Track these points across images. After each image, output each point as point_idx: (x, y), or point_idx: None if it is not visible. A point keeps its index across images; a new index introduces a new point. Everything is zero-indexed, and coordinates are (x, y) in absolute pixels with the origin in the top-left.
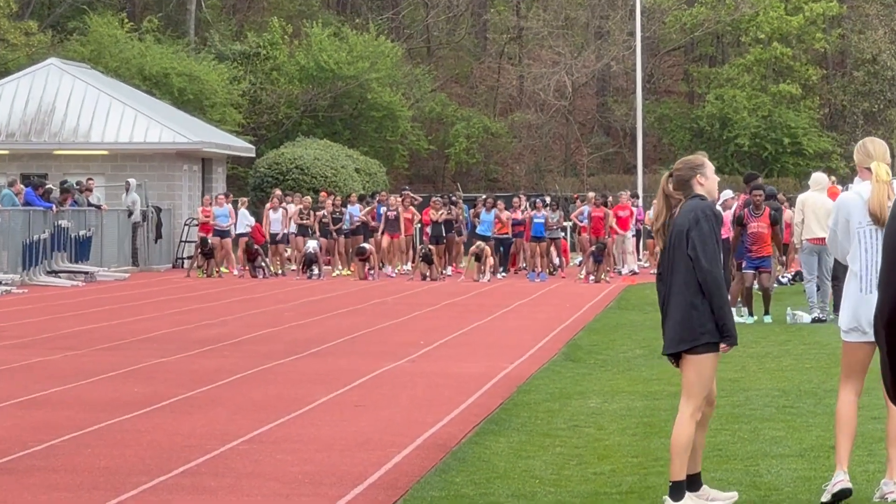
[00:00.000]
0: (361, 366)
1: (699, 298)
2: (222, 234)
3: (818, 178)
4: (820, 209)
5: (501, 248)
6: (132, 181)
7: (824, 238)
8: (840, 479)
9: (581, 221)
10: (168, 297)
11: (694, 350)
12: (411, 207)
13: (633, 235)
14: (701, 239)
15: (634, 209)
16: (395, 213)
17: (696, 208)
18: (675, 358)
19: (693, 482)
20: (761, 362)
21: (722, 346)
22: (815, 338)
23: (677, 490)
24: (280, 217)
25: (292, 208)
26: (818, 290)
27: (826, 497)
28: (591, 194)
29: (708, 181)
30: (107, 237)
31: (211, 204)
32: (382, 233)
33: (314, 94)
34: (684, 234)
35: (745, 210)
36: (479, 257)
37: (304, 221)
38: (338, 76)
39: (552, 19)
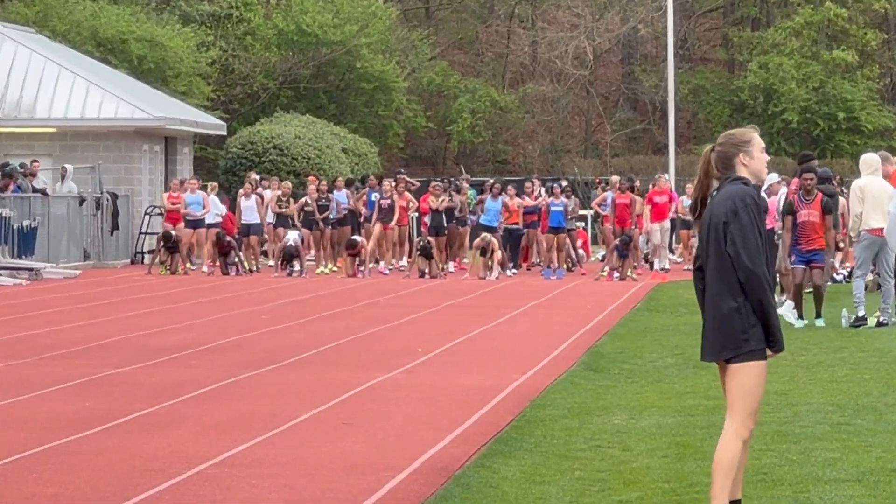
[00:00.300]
0: (350, 377)
1: (741, 299)
2: (195, 224)
3: (869, 159)
4: (878, 195)
5: (510, 241)
6: (69, 167)
7: (883, 229)
8: None
9: (604, 210)
10: (126, 298)
11: (737, 359)
12: (406, 193)
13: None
14: (741, 232)
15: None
16: (388, 200)
17: (734, 195)
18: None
19: None
20: (812, 372)
21: (768, 352)
22: (875, 344)
23: None
24: (253, 205)
25: (269, 195)
26: (878, 288)
27: None
28: (615, 178)
29: (753, 161)
30: (55, 228)
31: (179, 190)
32: (374, 222)
33: (295, 63)
34: (721, 226)
35: (795, 196)
36: (484, 251)
37: (284, 210)
38: (322, 42)
39: None
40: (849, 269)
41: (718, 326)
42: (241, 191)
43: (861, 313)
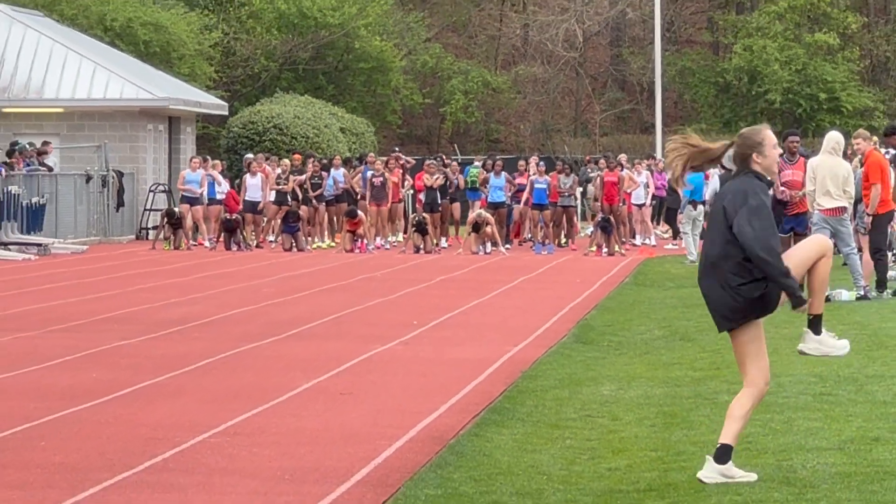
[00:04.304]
0: (348, 349)
1: (740, 276)
2: (193, 201)
3: (828, 137)
4: (830, 175)
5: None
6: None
7: (837, 209)
8: None
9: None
10: (131, 272)
11: (737, 326)
12: (397, 170)
13: (650, 204)
14: (747, 216)
15: (649, 173)
16: (381, 178)
17: (745, 189)
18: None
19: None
20: (795, 345)
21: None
22: (856, 317)
23: (724, 453)
24: (258, 182)
25: (278, 171)
26: (844, 265)
27: None
28: (602, 160)
29: (766, 159)
30: (62, 205)
31: (199, 169)
32: (369, 201)
33: (295, 45)
34: (725, 211)
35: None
36: (477, 227)
37: (282, 187)
38: (321, 24)
39: None
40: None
41: (719, 298)
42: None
43: (862, 291)
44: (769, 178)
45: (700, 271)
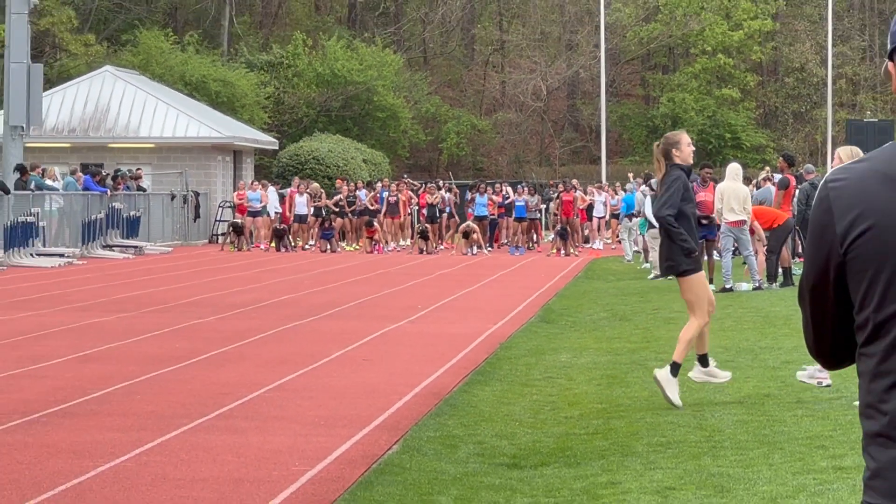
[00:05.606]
0: (369, 326)
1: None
2: (254, 214)
3: (731, 169)
4: (734, 196)
5: (490, 227)
6: (56, 170)
7: (738, 221)
8: None
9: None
10: (205, 268)
11: (680, 276)
12: (407, 190)
13: (600, 217)
14: (664, 194)
15: (601, 195)
16: (395, 197)
17: (667, 176)
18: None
19: (703, 360)
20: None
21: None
22: (753, 304)
23: (675, 368)
24: (305, 200)
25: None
26: (744, 264)
27: None
28: (561, 186)
29: (681, 153)
30: (153, 217)
31: (248, 188)
32: (385, 215)
33: (329, 97)
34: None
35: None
36: (467, 234)
37: (318, 203)
38: (349, 82)
39: (530, 33)
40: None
41: (662, 256)
42: (292, 189)
43: (728, 285)
44: (688, 167)
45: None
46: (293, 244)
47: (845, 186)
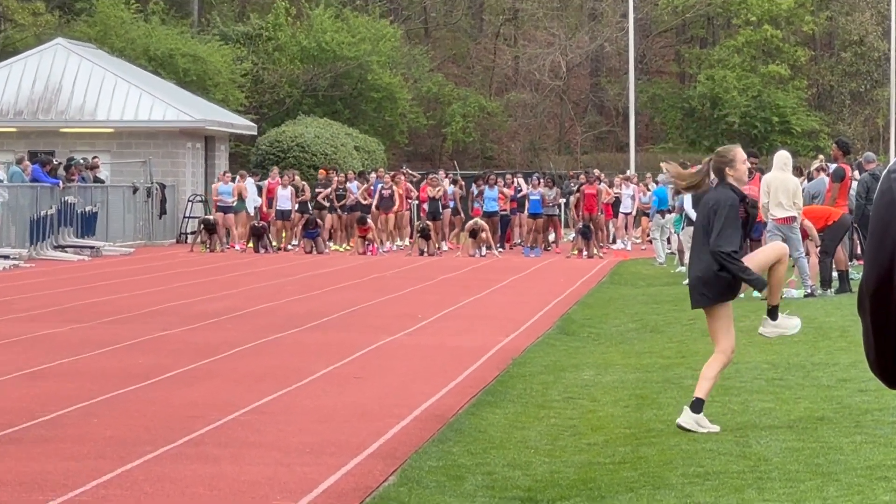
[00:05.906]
0: (360, 339)
1: (714, 265)
2: (226, 209)
3: (778, 157)
4: (781, 189)
5: (501, 224)
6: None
7: (787, 218)
8: None
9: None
10: (172, 272)
11: (712, 304)
12: (404, 182)
13: (627, 213)
14: (718, 223)
15: (629, 188)
16: (389, 190)
17: (721, 196)
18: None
19: (772, 312)
20: (750, 336)
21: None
22: (804, 313)
23: (697, 405)
24: (288, 194)
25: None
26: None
27: None
28: (583, 177)
29: (736, 172)
30: (112, 213)
31: (230, 181)
32: (377, 209)
33: (315, 74)
34: (710, 213)
35: None
36: (474, 233)
37: (303, 198)
38: (338, 57)
39: (547, 1)
40: None
41: (698, 280)
42: (273, 181)
43: (809, 290)
44: (741, 189)
45: (689, 260)
46: (275, 245)
47: None
